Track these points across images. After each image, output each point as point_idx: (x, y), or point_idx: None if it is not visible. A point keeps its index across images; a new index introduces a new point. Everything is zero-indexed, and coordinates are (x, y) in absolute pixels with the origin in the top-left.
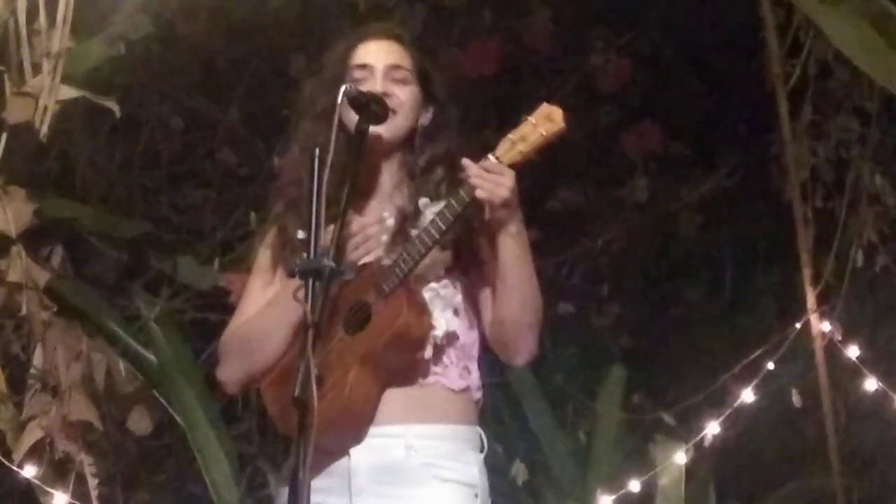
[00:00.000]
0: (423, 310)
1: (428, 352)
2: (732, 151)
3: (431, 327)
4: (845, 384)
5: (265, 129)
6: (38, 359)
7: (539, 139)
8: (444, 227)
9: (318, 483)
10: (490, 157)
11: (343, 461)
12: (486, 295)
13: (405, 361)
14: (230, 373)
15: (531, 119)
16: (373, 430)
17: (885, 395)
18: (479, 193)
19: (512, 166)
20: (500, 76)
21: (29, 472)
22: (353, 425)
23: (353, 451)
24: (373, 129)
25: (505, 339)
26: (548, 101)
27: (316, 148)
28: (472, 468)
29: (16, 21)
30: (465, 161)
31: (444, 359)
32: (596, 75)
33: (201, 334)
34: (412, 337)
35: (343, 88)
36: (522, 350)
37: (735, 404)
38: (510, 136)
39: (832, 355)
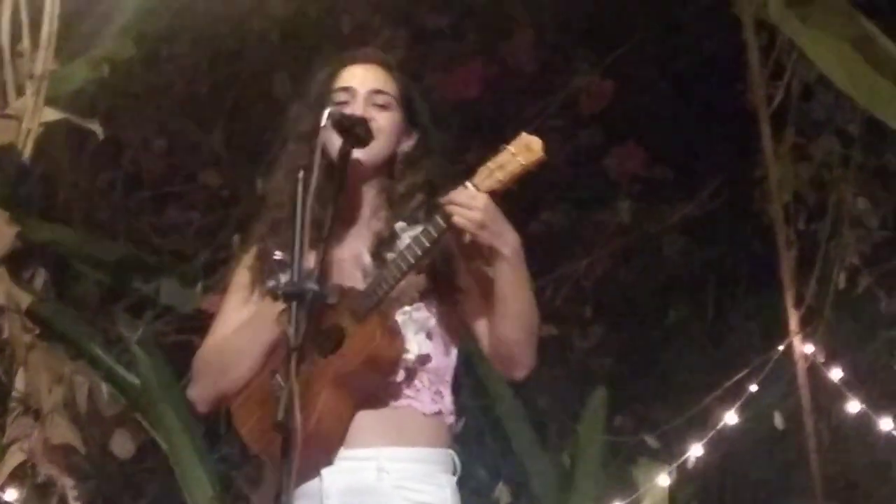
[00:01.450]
0: (396, 333)
1: (400, 375)
2: (715, 173)
3: (404, 351)
4: (828, 406)
5: (249, 151)
6: (20, 382)
7: (517, 168)
8: (420, 253)
9: None
10: (468, 184)
11: (315, 482)
12: (475, 315)
13: (377, 384)
14: (202, 391)
15: (510, 148)
16: (344, 453)
17: (867, 418)
18: (455, 219)
19: (490, 193)
20: (484, 98)
21: (11, 495)
22: (324, 447)
23: (324, 472)
24: (353, 153)
25: (505, 355)
26: (531, 123)
27: (299, 171)
28: (444, 490)
29: None
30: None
31: (416, 382)
32: (579, 97)
33: (184, 357)
34: (385, 360)
35: (327, 111)
36: (522, 364)
37: (718, 426)
38: (489, 164)
39: (815, 377)
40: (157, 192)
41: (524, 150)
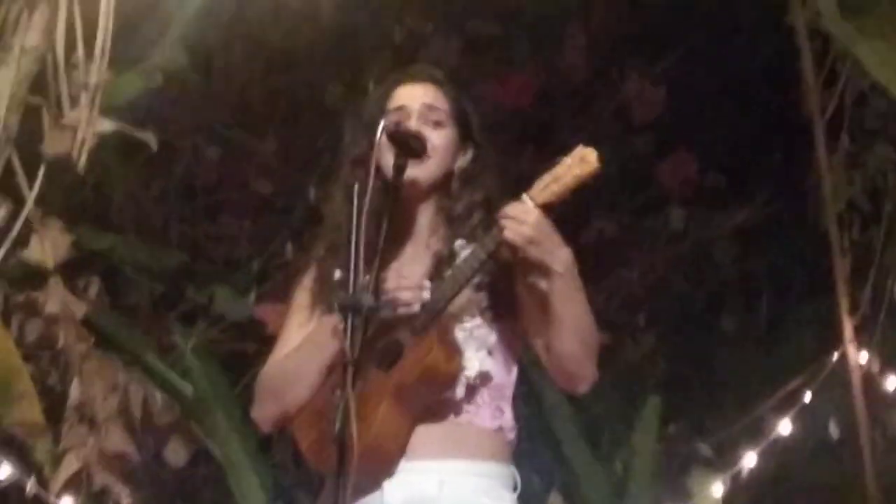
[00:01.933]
0: (453, 348)
1: (460, 391)
2: (768, 181)
3: (461, 366)
4: (883, 415)
5: (301, 160)
6: (75, 391)
7: (572, 180)
8: (476, 266)
9: None
10: (524, 196)
11: (376, 495)
12: (535, 332)
13: (435, 399)
14: (264, 412)
15: (567, 160)
16: (406, 465)
17: None
18: (506, 233)
19: (546, 206)
20: (535, 107)
21: (66, 503)
22: (382, 460)
23: (386, 485)
24: (409, 173)
25: (564, 370)
26: (582, 132)
27: (354, 187)
28: None
29: (54, 54)
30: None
31: (477, 398)
32: (631, 104)
33: (237, 365)
34: (441, 374)
35: (381, 125)
36: (582, 378)
37: (772, 435)
38: (545, 176)
39: (870, 386)
40: (209, 201)
41: (579, 162)
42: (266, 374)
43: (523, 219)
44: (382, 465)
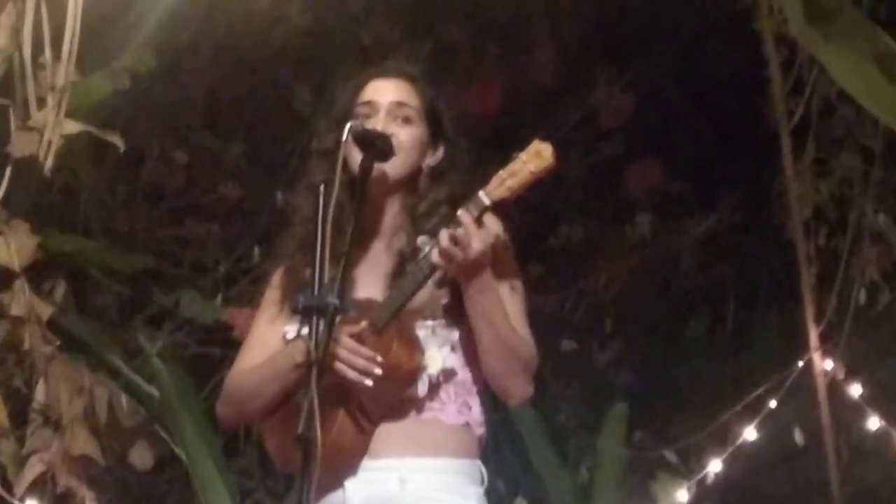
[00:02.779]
0: (413, 345)
1: (422, 388)
2: (735, 189)
3: (422, 364)
4: (848, 423)
5: (269, 164)
6: (40, 393)
7: (527, 176)
8: (431, 265)
9: None
10: (480, 193)
11: (338, 494)
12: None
13: (396, 395)
14: (225, 413)
15: (522, 156)
16: (367, 464)
17: (888, 434)
18: (434, 258)
19: (501, 202)
20: (503, 113)
21: None
22: (345, 458)
23: (347, 483)
24: (378, 166)
25: (496, 383)
26: (550, 138)
27: (320, 186)
28: (469, 501)
29: (21, 55)
30: (442, 232)
31: (442, 395)
32: (599, 111)
33: (204, 369)
34: (402, 371)
35: (348, 126)
36: (514, 393)
37: (737, 442)
38: (501, 172)
39: (835, 394)
40: (177, 204)
41: (534, 157)
42: (231, 379)
43: (465, 243)
44: (344, 464)
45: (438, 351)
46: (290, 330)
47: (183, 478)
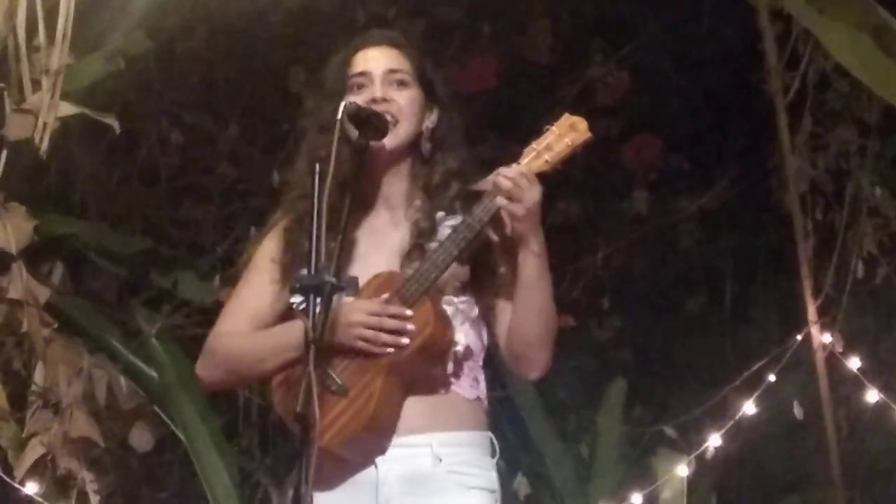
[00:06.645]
0: (448, 322)
1: (451, 365)
2: (732, 163)
3: (454, 340)
4: (847, 396)
5: (265, 144)
6: (39, 376)
7: (565, 149)
8: (469, 237)
9: (339, 496)
10: (514, 166)
11: (368, 472)
12: (500, 309)
13: (426, 371)
14: (209, 374)
15: (554, 129)
16: (398, 440)
17: (886, 407)
18: (500, 201)
19: (540, 175)
20: (499, 90)
21: (31, 488)
22: (380, 435)
23: (379, 461)
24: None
25: (522, 353)
26: (546, 115)
27: (317, 162)
28: (491, 473)
29: (15, 38)
30: (502, 169)
31: (460, 370)
32: (595, 88)
33: (202, 350)
34: (438, 347)
35: (342, 104)
36: (539, 364)
37: (736, 417)
38: (534, 145)
39: (833, 367)
40: (173, 186)
41: (570, 130)
42: (218, 340)
43: (523, 187)
44: (378, 441)
45: (461, 327)
46: (298, 300)
47: (182, 459)
